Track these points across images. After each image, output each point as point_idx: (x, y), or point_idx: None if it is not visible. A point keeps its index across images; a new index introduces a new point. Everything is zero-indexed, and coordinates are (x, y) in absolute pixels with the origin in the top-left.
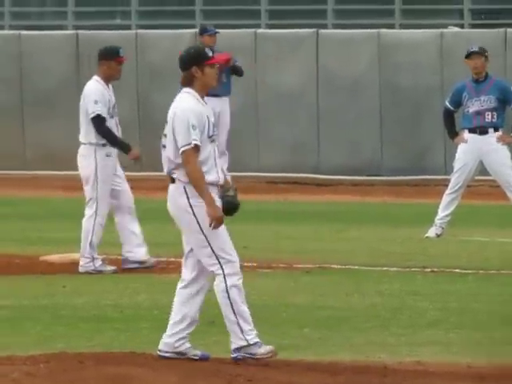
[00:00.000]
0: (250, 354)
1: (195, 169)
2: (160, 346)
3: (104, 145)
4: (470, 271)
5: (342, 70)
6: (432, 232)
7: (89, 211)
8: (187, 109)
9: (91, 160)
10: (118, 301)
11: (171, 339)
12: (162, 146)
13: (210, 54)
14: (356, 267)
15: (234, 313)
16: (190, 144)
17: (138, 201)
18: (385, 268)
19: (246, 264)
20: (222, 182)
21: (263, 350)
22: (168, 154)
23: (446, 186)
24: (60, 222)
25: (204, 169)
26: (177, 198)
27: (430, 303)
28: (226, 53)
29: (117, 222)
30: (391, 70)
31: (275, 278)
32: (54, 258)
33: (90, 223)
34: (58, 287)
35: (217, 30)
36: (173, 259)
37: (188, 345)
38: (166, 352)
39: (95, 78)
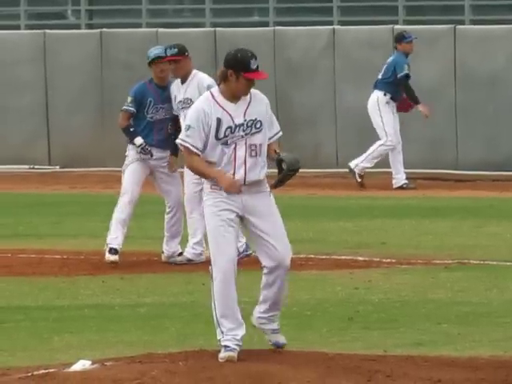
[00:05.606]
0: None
1: (190, 164)
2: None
3: None
4: None
5: (480, 66)
6: None
7: None
8: (192, 108)
9: None
10: (256, 298)
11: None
12: None
13: (255, 66)
14: (495, 263)
15: (215, 312)
16: (180, 143)
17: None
18: None
19: (384, 260)
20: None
21: (222, 355)
22: None
23: None
24: None
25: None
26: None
27: None
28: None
29: None
30: None
31: (414, 273)
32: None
33: None
34: (197, 285)
35: (415, 36)
36: (312, 256)
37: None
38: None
39: None
